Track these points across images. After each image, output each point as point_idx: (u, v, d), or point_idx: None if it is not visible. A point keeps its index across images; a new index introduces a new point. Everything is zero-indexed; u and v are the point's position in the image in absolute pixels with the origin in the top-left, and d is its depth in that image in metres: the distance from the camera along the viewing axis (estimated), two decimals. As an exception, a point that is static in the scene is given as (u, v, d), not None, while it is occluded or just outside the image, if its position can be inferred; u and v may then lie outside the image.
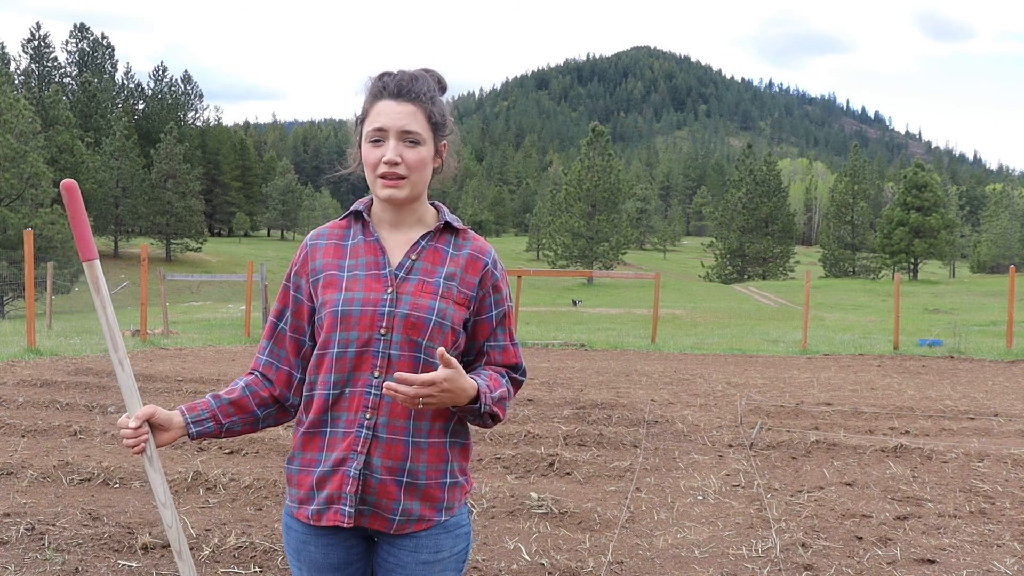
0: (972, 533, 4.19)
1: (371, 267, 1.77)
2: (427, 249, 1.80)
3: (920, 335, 17.32)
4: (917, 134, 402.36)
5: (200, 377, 9.28)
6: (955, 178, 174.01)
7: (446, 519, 1.79)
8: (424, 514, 1.76)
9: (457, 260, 1.81)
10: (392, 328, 1.72)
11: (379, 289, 1.74)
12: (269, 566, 3.64)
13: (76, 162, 59.90)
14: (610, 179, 65.22)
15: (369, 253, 1.79)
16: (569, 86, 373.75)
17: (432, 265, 1.79)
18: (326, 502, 1.74)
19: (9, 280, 36.57)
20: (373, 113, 1.75)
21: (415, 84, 1.75)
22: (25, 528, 3.96)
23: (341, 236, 1.83)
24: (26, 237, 11.51)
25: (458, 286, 1.79)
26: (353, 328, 1.72)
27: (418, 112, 1.74)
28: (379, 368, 1.72)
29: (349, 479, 1.72)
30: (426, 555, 1.77)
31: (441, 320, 1.75)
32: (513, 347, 1.88)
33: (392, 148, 1.72)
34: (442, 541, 1.79)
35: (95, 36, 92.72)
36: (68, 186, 1.71)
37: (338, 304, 1.73)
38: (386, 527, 1.76)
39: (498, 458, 5.53)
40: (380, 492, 1.73)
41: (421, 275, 1.77)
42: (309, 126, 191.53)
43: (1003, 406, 8.11)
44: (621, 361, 12.21)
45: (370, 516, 1.75)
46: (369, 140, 1.74)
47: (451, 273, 1.79)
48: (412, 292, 1.75)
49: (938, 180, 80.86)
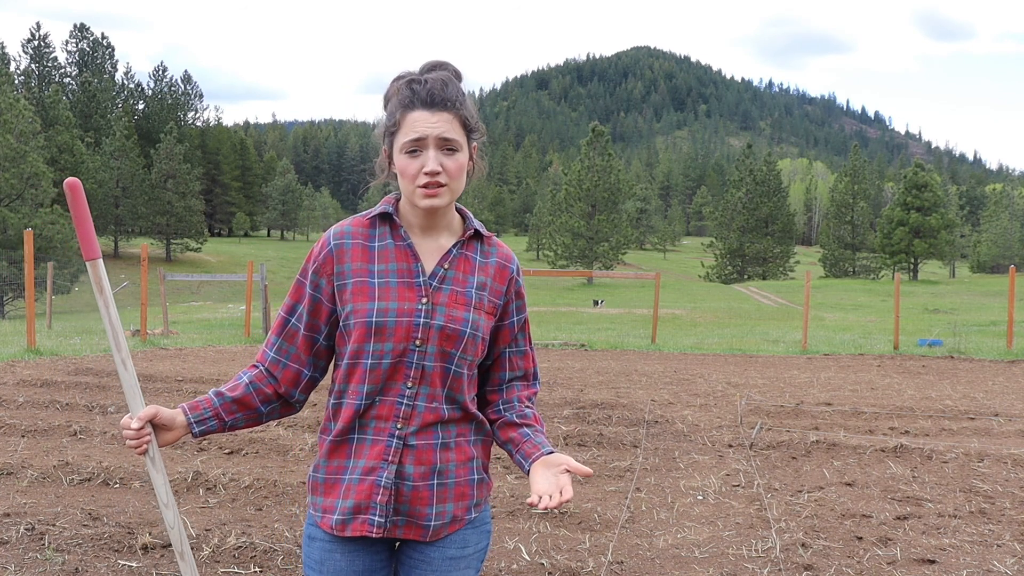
0: (972, 533, 4.19)
1: (403, 274, 1.74)
2: (458, 258, 1.79)
3: (920, 335, 17.32)
4: (917, 134, 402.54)
5: (200, 377, 9.28)
6: (955, 178, 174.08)
7: (474, 516, 1.81)
8: (457, 514, 1.77)
9: (486, 269, 1.81)
10: (428, 340, 1.71)
11: (413, 299, 1.72)
12: (269, 566, 3.64)
13: (76, 162, 59.92)
14: (610, 179, 65.21)
15: (401, 259, 1.75)
16: (569, 86, 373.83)
17: (463, 274, 1.78)
18: (352, 512, 1.72)
19: (9, 280, 36.57)
20: (407, 124, 1.70)
21: (447, 91, 1.72)
22: (25, 528, 3.96)
23: (367, 236, 1.78)
24: (26, 237, 11.51)
25: (488, 296, 1.80)
26: (388, 339, 1.70)
27: (454, 119, 1.72)
28: (412, 379, 1.71)
29: (379, 488, 1.70)
30: (453, 551, 1.78)
31: (475, 332, 1.75)
32: (531, 351, 1.91)
33: (432, 158, 1.69)
34: (468, 537, 1.80)
35: (95, 36, 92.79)
36: (71, 185, 1.69)
37: (372, 315, 1.71)
38: (422, 535, 1.75)
39: (498, 458, 5.52)
40: (413, 499, 1.72)
41: (454, 285, 1.76)
42: (309, 126, 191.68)
43: (1003, 406, 8.11)
44: (621, 361, 12.21)
45: (404, 526, 1.74)
46: (405, 152, 1.71)
47: (482, 283, 1.79)
48: (447, 304, 1.73)
49: (938, 180, 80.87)
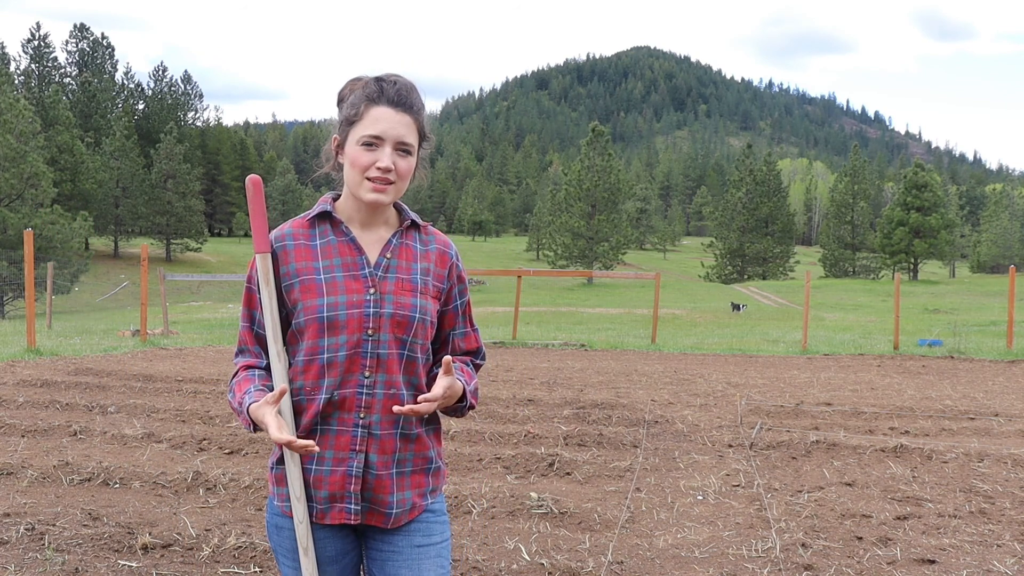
0: (972, 533, 4.18)
1: (349, 267, 1.79)
2: (399, 247, 1.84)
3: (920, 335, 17.32)
4: (917, 134, 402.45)
5: (200, 377, 9.28)
6: (955, 178, 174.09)
7: (431, 502, 1.87)
8: (416, 501, 1.83)
9: (428, 256, 1.87)
10: (380, 328, 1.76)
11: (360, 290, 1.77)
12: (269, 566, 3.64)
13: (76, 162, 59.90)
14: (610, 179, 65.19)
15: (345, 253, 1.81)
16: (569, 86, 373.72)
17: (406, 262, 1.84)
18: (328, 501, 1.78)
19: (9, 280, 36.55)
20: (369, 117, 1.76)
21: (412, 95, 1.79)
22: (25, 528, 3.96)
23: (308, 236, 1.83)
24: (26, 237, 11.51)
25: (433, 281, 1.86)
26: (341, 332, 1.75)
27: (412, 123, 1.79)
28: (369, 368, 1.76)
29: (351, 478, 1.76)
30: (419, 538, 1.83)
31: (423, 316, 1.81)
32: (474, 332, 1.98)
33: (387, 155, 1.75)
34: (433, 526, 1.86)
35: (95, 36, 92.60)
36: (254, 181, 1.80)
37: (322, 310, 1.75)
38: (383, 522, 1.81)
39: (498, 458, 5.52)
40: (376, 487, 1.78)
41: (398, 273, 1.82)
42: (309, 126, 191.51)
43: (1003, 406, 8.11)
44: (621, 361, 12.21)
45: (367, 513, 1.80)
46: (361, 143, 1.76)
47: (425, 268, 1.85)
48: (394, 291, 1.79)
49: (938, 180, 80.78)
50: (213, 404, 7.52)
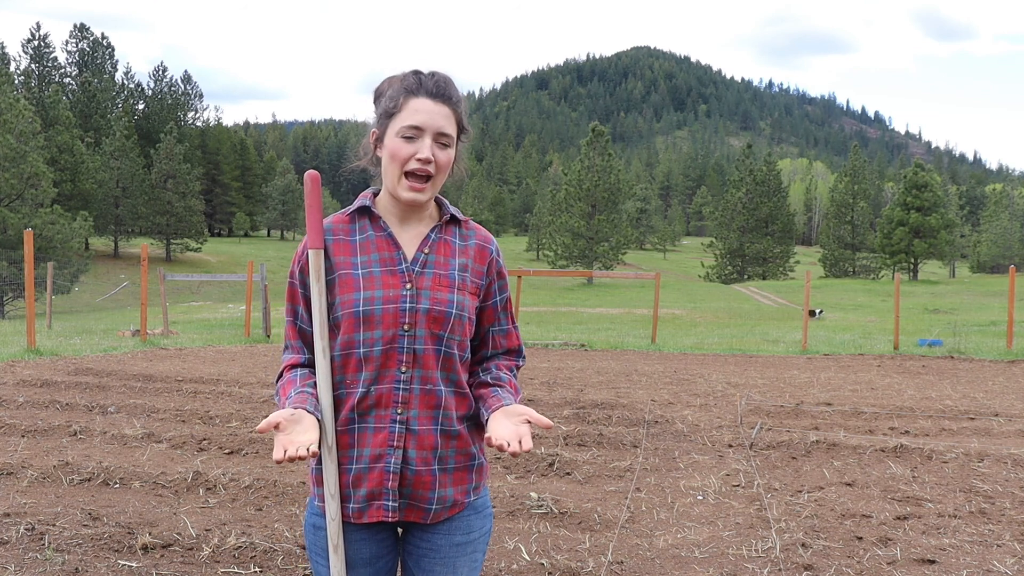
0: (972, 533, 4.18)
1: (386, 263, 1.78)
2: (437, 242, 1.83)
3: (920, 335, 17.32)
4: (917, 134, 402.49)
5: (200, 377, 9.28)
6: (955, 178, 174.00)
7: (474, 499, 1.85)
8: (457, 499, 1.81)
9: (467, 251, 1.85)
10: (415, 324, 1.75)
11: (397, 285, 1.76)
12: (269, 566, 3.63)
13: (76, 162, 59.91)
14: (610, 179, 65.18)
15: (382, 248, 1.80)
16: (569, 86, 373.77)
17: (444, 257, 1.82)
18: (366, 499, 1.76)
19: (9, 280, 36.54)
20: (408, 109, 1.74)
21: (450, 87, 1.78)
22: (25, 528, 3.96)
23: (348, 231, 1.82)
24: (26, 237, 11.51)
25: (471, 277, 1.83)
26: (377, 327, 1.74)
27: (451, 115, 1.78)
28: (405, 364, 1.75)
29: (389, 474, 1.75)
30: (459, 536, 1.82)
31: (460, 312, 1.79)
32: (515, 330, 1.95)
33: (427, 146, 1.73)
34: (473, 522, 1.84)
35: (95, 36, 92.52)
36: (312, 176, 1.79)
37: (359, 304, 1.74)
38: (423, 517, 1.79)
39: (498, 458, 5.52)
40: (416, 483, 1.76)
41: (436, 268, 1.80)
42: (309, 126, 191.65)
43: (1003, 406, 8.11)
44: (621, 361, 12.21)
45: (406, 509, 1.78)
46: (401, 135, 1.74)
47: (463, 264, 1.83)
48: (430, 287, 1.77)
49: (938, 180, 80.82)
50: (213, 404, 7.52)
